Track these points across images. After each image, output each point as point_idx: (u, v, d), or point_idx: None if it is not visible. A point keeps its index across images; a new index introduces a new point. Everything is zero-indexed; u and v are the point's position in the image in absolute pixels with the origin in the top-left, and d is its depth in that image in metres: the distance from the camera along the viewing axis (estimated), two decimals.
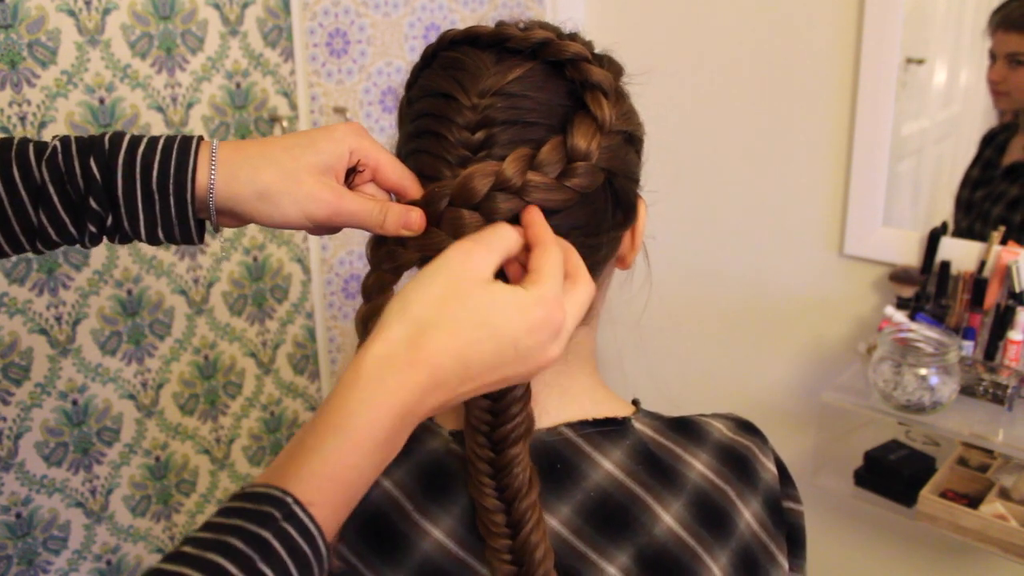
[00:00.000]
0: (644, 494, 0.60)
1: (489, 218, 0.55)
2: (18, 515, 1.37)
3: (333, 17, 1.59)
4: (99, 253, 1.39)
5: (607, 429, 0.63)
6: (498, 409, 0.57)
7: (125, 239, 0.59)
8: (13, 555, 1.37)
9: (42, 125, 1.28)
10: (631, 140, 0.61)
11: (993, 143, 1.50)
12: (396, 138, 0.65)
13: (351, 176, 0.60)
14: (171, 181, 0.56)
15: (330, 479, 0.45)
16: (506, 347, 0.49)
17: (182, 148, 0.56)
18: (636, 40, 1.83)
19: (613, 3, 1.86)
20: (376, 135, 1.69)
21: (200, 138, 0.58)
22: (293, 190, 0.56)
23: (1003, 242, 1.41)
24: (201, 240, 0.60)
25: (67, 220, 0.56)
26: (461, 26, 1.82)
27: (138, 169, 0.56)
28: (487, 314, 0.49)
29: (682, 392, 1.92)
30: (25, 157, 0.56)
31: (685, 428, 0.65)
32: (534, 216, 0.55)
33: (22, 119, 1.26)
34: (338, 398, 0.47)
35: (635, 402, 0.67)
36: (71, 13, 1.28)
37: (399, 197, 0.59)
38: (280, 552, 0.41)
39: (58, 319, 1.36)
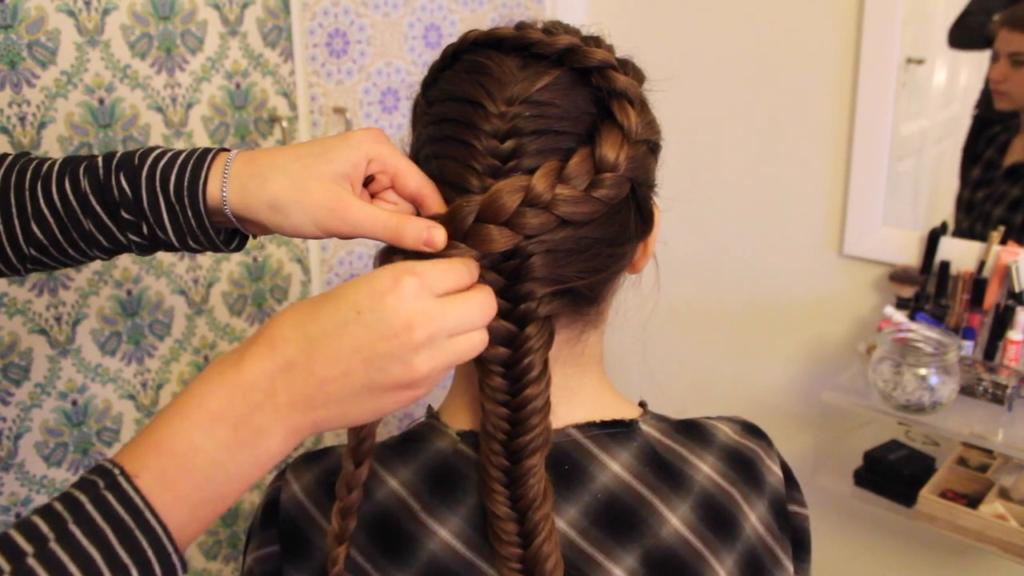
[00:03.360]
0: (651, 496, 0.60)
1: (518, 234, 0.54)
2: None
3: (333, 17, 1.59)
4: None
5: (615, 431, 0.63)
6: (517, 419, 0.56)
7: (170, 249, 0.61)
8: None
9: (41, 126, 1.28)
10: (653, 149, 0.61)
11: (994, 143, 1.50)
12: (406, 138, 0.64)
13: (368, 184, 0.58)
14: (185, 194, 0.57)
15: (156, 449, 0.45)
16: (345, 310, 0.46)
17: (197, 162, 0.57)
18: (636, 41, 1.83)
19: (613, 4, 1.86)
20: None
21: (217, 151, 0.58)
22: (302, 199, 0.55)
23: (1003, 242, 1.41)
24: (238, 247, 0.61)
25: (112, 227, 0.59)
26: (461, 26, 1.82)
27: (158, 183, 0.57)
28: (334, 289, 0.48)
29: (682, 391, 1.93)
30: (76, 171, 0.59)
31: (692, 431, 0.65)
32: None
33: (21, 119, 1.26)
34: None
35: (642, 404, 0.68)
36: (71, 13, 1.28)
37: (418, 207, 0.58)
38: (94, 516, 0.42)
39: (58, 319, 1.36)
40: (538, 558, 0.55)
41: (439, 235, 0.54)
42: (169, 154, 0.59)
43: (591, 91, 0.58)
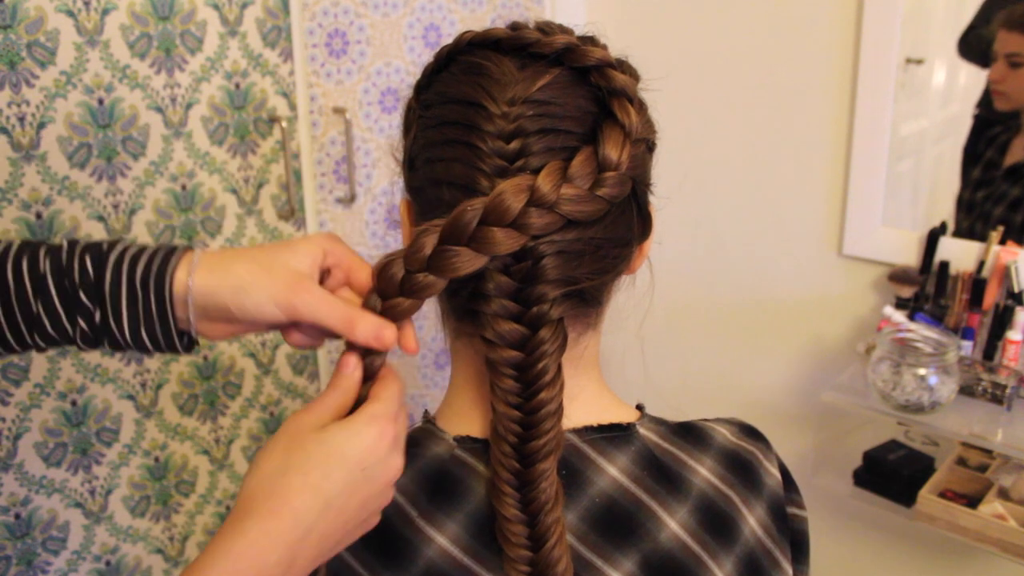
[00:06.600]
0: (649, 500, 0.60)
1: (524, 235, 0.53)
2: (17, 516, 1.36)
3: (332, 17, 1.59)
4: None
5: (612, 435, 0.62)
6: (530, 423, 0.56)
7: (114, 343, 0.62)
8: (12, 556, 1.37)
9: (41, 126, 1.28)
10: (651, 148, 0.61)
11: (994, 143, 1.50)
12: (398, 140, 0.64)
13: (323, 281, 0.61)
14: (152, 276, 0.59)
15: None
16: (354, 471, 0.52)
17: (168, 252, 0.60)
18: (636, 41, 1.83)
19: (612, 4, 1.86)
20: (375, 135, 1.69)
21: (189, 247, 0.61)
22: (264, 279, 0.58)
23: (1002, 242, 1.41)
24: (187, 348, 0.63)
25: (61, 312, 0.60)
26: (460, 26, 1.82)
27: (125, 266, 0.60)
28: (330, 448, 0.52)
29: (681, 392, 1.93)
30: (35, 251, 0.61)
31: (690, 433, 0.65)
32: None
33: (21, 119, 1.26)
34: (205, 550, 0.49)
35: (640, 407, 0.67)
36: (70, 14, 1.28)
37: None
38: None
39: None
40: (549, 561, 0.55)
41: (389, 334, 0.56)
42: (138, 246, 0.61)
43: (590, 90, 0.57)
